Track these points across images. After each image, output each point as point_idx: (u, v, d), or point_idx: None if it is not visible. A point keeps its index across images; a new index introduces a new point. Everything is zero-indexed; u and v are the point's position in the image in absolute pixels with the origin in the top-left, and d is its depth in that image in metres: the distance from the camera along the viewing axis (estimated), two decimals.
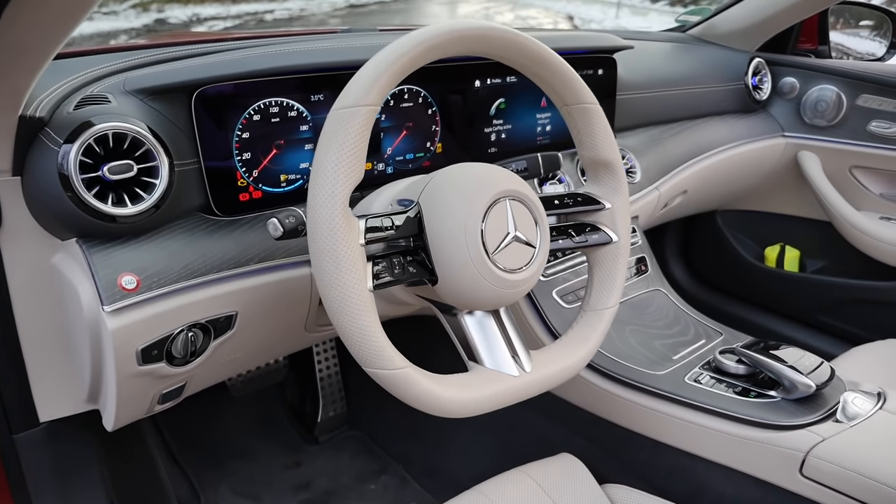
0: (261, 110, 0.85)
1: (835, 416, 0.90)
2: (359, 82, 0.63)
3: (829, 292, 1.67)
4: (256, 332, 0.90)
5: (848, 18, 2.13)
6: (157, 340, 0.77)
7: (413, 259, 0.70)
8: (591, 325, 0.81)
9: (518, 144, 1.16)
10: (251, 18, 12.68)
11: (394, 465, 1.46)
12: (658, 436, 1.01)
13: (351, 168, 0.61)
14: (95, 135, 0.71)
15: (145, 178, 0.76)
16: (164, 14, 11.70)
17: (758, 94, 1.64)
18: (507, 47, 0.72)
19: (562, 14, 15.67)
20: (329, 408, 1.55)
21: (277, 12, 13.05)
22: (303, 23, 11.77)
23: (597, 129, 0.80)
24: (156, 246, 0.78)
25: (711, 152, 1.54)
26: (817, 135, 1.64)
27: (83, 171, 0.71)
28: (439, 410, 0.67)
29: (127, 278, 0.73)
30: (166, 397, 0.88)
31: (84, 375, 0.84)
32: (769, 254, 1.82)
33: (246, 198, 0.87)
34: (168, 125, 0.79)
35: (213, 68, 0.81)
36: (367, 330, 0.62)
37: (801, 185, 1.69)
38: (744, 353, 0.98)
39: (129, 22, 9.69)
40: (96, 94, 0.78)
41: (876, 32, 2.05)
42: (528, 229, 0.72)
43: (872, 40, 2.07)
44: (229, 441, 1.48)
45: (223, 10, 12.59)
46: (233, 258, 0.82)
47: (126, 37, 8.47)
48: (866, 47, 2.10)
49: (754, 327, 1.82)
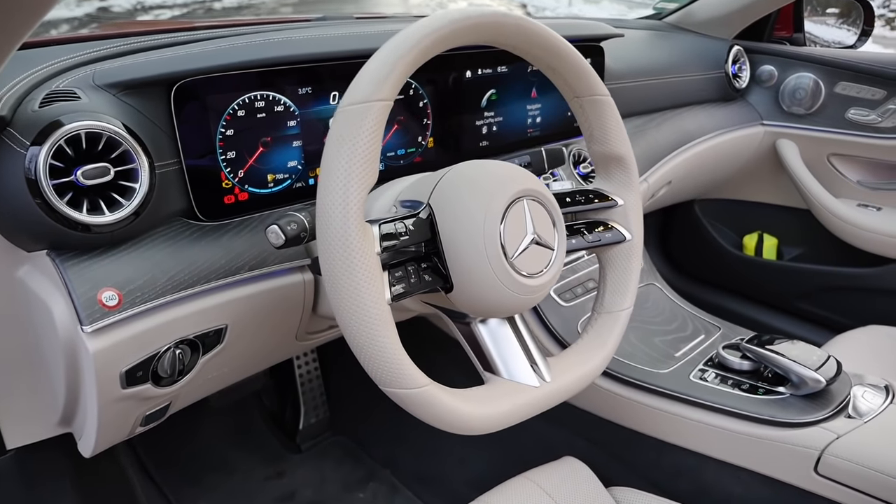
0: (246, 105, 0.78)
1: (846, 411, 0.89)
2: (370, 75, 0.58)
3: (808, 279, 1.69)
4: (246, 344, 0.84)
5: (815, 6, 2.14)
6: (143, 360, 0.70)
7: (427, 266, 0.65)
8: (606, 327, 0.78)
9: (509, 137, 1.12)
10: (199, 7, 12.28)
11: (381, 471, 1.41)
12: (664, 436, 0.99)
13: (365, 170, 0.56)
14: (67, 135, 0.63)
15: (123, 182, 0.68)
16: (107, 2, 11.22)
17: (737, 82, 1.63)
18: (520, 36, 0.67)
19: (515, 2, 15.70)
20: (311, 414, 1.49)
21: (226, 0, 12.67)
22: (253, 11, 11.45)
23: (609, 123, 0.76)
24: (137, 257, 0.70)
25: (694, 142, 1.52)
26: (796, 123, 1.64)
27: (54, 177, 0.63)
28: (462, 429, 0.63)
29: (108, 294, 0.66)
30: (149, 419, 0.81)
31: (56, 398, 0.77)
32: (747, 242, 1.82)
33: (231, 200, 0.80)
34: (145, 123, 0.72)
35: (195, 60, 0.74)
36: (387, 347, 0.57)
37: (779, 173, 1.70)
38: (749, 348, 0.96)
39: (70, 11, 9.26)
40: (63, 89, 0.70)
41: (843, 20, 2.08)
42: (546, 231, 0.67)
43: (839, 28, 2.10)
44: (207, 454, 1.40)
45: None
46: (222, 267, 0.76)
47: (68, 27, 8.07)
48: (833, 35, 2.12)
49: (733, 315, 1.82)
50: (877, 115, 1.53)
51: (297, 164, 0.85)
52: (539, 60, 0.72)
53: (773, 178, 1.73)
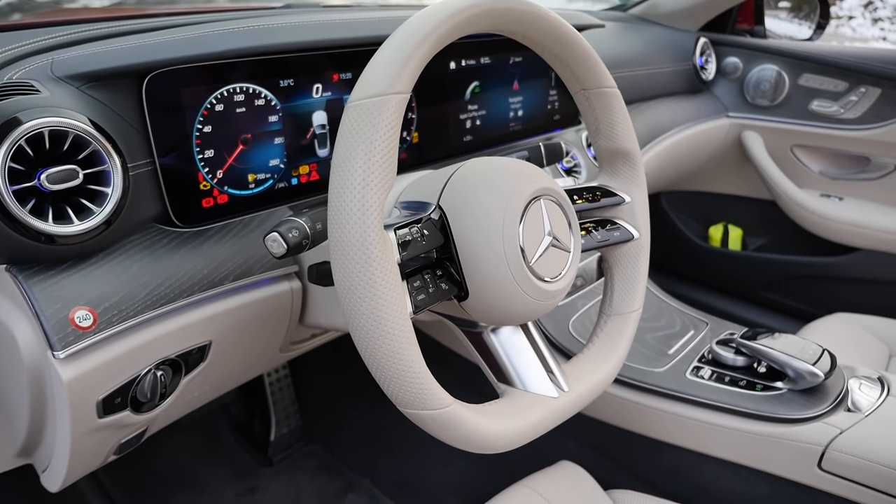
0: (224, 99, 0.71)
1: (844, 405, 0.88)
2: (384, 66, 0.52)
3: (774, 269, 1.71)
4: (230, 359, 0.77)
5: (769, 1, 2.18)
6: (121, 386, 0.63)
7: (441, 273, 0.60)
8: (617, 330, 0.75)
9: (492, 131, 1.07)
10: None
11: (360, 481, 1.35)
12: (661, 436, 0.97)
13: (384, 172, 0.50)
14: (27, 134, 0.56)
15: (92, 185, 0.61)
16: None
17: (704, 74, 1.64)
18: (531, 24, 0.63)
19: None
20: (283, 424, 1.41)
21: None
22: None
23: (616, 116, 0.73)
24: (111, 270, 0.63)
25: (665, 135, 1.52)
26: (760, 115, 1.66)
27: (13, 182, 0.55)
28: (487, 448, 0.58)
29: (80, 313, 0.58)
30: (124, 447, 0.73)
31: (17, 429, 0.68)
32: (713, 233, 1.84)
33: (210, 203, 0.73)
34: (113, 119, 0.64)
35: (169, 48, 0.67)
36: (412, 366, 0.51)
37: (744, 164, 1.71)
38: (744, 344, 0.95)
39: None
40: (17, 80, 0.62)
41: (795, 14, 2.12)
42: (562, 232, 0.63)
43: (791, 22, 2.14)
44: (174, 473, 1.31)
45: None
46: (204, 278, 0.69)
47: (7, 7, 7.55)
48: (785, 29, 2.17)
49: (700, 306, 1.83)
50: (839, 106, 1.55)
51: (280, 162, 0.78)
52: (547, 50, 0.68)
53: (738, 169, 1.74)
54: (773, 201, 1.69)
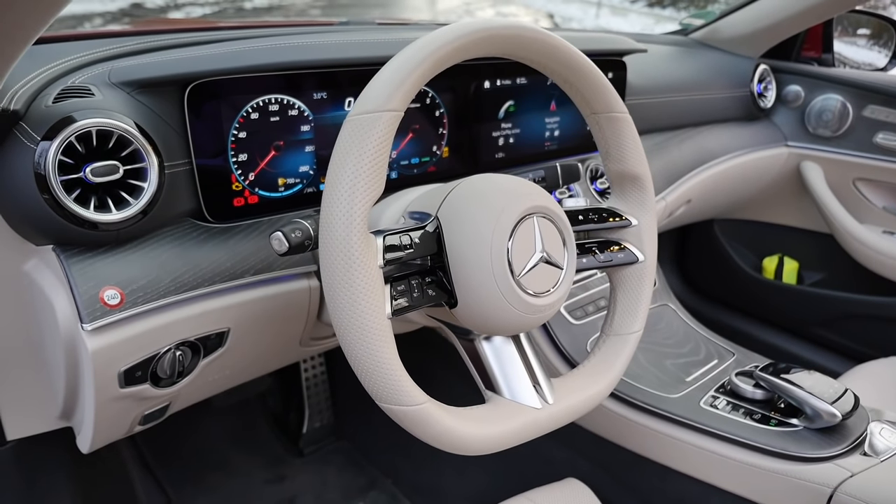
0: (259, 108, 0.78)
1: (861, 448, 0.85)
2: (380, 85, 0.56)
3: (829, 306, 1.65)
4: (249, 348, 0.83)
5: (846, 26, 2.10)
6: (142, 361, 0.70)
7: (431, 280, 0.63)
8: (614, 350, 0.76)
9: (525, 150, 1.10)
10: (230, 6, 12.44)
11: (382, 480, 1.39)
12: (670, 462, 0.96)
13: (370, 182, 0.55)
14: (77, 132, 0.63)
15: (132, 180, 0.68)
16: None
17: (762, 101, 1.61)
18: (538, 50, 0.66)
19: (542, 12, 15.66)
20: (315, 418, 1.48)
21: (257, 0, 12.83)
22: (283, 12, 11.57)
23: (626, 141, 0.74)
24: (142, 256, 0.70)
25: (716, 161, 1.49)
26: (821, 145, 1.61)
27: (63, 172, 0.63)
28: (459, 448, 0.61)
29: (110, 293, 0.66)
30: (148, 418, 0.80)
31: (57, 392, 0.77)
32: (767, 265, 1.79)
33: (241, 203, 0.79)
34: (157, 122, 0.72)
35: (211, 61, 0.74)
36: (384, 362, 0.55)
37: (802, 195, 1.66)
38: (762, 377, 0.93)
39: (104, 5, 9.42)
40: (78, 85, 0.70)
41: (874, 42, 2.04)
42: (555, 249, 0.66)
43: (870, 50, 2.05)
44: (208, 453, 1.40)
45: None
46: (226, 270, 0.75)
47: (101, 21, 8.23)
48: (864, 57, 2.08)
49: (750, 339, 1.79)
50: None
51: (309, 168, 0.84)
52: (556, 74, 0.70)
53: (795, 200, 1.69)
54: (831, 235, 1.63)
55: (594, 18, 14.48)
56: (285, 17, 5.40)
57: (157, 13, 9.49)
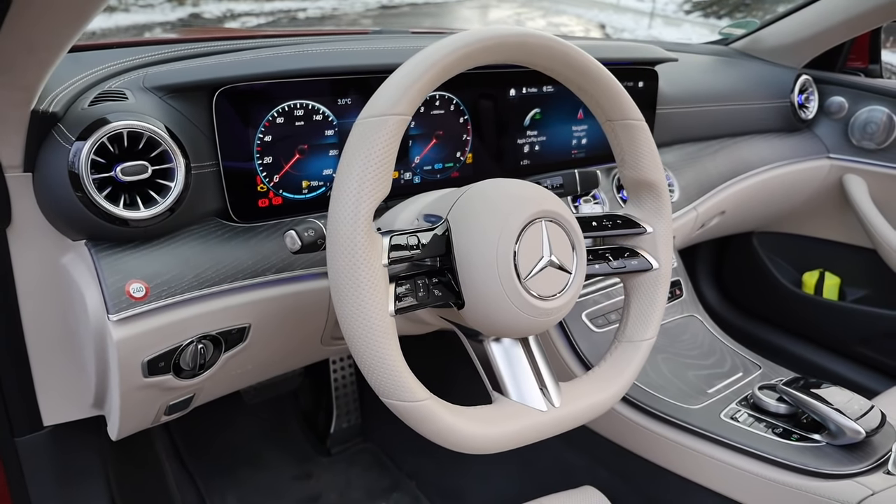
0: (285, 112, 0.81)
1: (885, 466, 0.83)
2: (388, 90, 0.59)
3: (871, 323, 1.59)
4: (270, 344, 0.86)
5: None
6: (165, 352, 0.73)
7: (439, 281, 0.65)
8: (626, 357, 0.76)
9: (551, 157, 1.11)
10: (284, 16, 12.78)
11: (406, 482, 1.41)
12: (688, 474, 0.95)
13: (377, 183, 0.57)
14: (109, 133, 0.67)
15: (160, 180, 0.72)
16: (199, 8, 11.84)
17: (803, 112, 1.57)
18: (548, 56, 0.67)
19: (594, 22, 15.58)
20: (343, 419, 1.51)
21: (310, 10, 13.15)
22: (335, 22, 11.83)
23: (641, 148, 0.75)
24: (168, 252, 0.74)
25: (752, 172, 1.47)
26: (865, 158, 1.56)
27: (95, 171, 0.67)
28: (460, 446, 0.62)
29: (135, 286, 0.69)
30: (173, 408, 0.84)
31: (89, 380, 0.81)
32: (807, 280, 1.74)
33: (265, 204, 0.83)
34: (187, 125, 0.75)
35: (237, 67, 0.77)
36: (386, 358, 0.57)
37: (844, 209, 1.61)
38: (786, 391, 0.92)
39: (165, 15, 9.82)
40: (114, 89, 0.75)
41: None
42: (563, 253, 0.66)
43: None
44: (240, 448, 1.44)
45: (257, 7, 12.73)
46: (248, 268, 0.78)
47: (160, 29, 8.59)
48: None
49: (788, 356, 1.74)
50: None
51: (333, 172, 0.87)
52: (570, 81, 0.71)
53: (837, 214, 1.64)
54: (874, 250, 1.58)
55: (647, 28, 14.32)
56: (336, 26, 5.57)
57: (214, 23, 9.82)
